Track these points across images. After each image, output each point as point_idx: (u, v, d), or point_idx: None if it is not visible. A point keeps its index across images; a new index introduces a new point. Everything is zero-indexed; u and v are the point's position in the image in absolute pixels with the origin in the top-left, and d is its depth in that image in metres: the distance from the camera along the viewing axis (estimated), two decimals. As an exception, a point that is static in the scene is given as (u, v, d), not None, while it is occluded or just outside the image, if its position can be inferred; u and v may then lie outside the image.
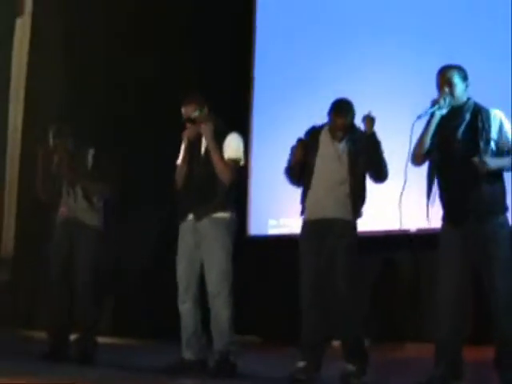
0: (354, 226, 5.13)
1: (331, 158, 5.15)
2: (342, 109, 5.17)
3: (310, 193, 5.17)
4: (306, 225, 5.21)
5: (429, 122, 4.60)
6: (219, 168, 5.30)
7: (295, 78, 8.94)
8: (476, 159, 4.38)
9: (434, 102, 4.55)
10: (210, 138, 5.34)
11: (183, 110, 5.46)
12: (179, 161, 5.51)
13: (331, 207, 5.09)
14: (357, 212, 5.13)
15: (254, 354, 7.31)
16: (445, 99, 4.53)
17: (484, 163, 4.37)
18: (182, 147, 5.53)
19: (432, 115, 4.57)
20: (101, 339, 6.25)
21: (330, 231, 5.06)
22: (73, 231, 6.01)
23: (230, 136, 5.44)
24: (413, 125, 4.51)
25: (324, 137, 5.22)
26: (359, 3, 8.59)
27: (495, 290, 4.38)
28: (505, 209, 4.54)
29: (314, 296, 5.05)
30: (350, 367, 5.00)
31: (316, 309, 5.05)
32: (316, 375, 5.03)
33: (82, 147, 6.10)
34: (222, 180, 5.31)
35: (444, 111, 4.55)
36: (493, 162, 4.40)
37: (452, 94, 4.53)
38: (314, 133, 5.28)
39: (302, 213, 5.24)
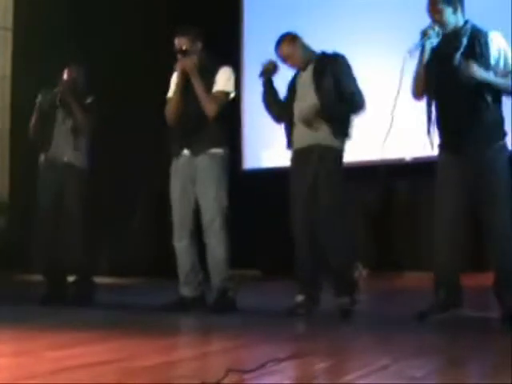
0: (336, 149, 5.00)
1: (302, 89, 5.10)
2: (281, 39, 5.18)
3: (294, 127, 5.13)
4: (292, 155, 5.18)
5: (422, 54, 4.50)
6: (202, 101, 5.23)
7: (286, 10, 8.84)
8: (462, 62, 4.31)
9: (423, 33, 4.46)
10: (193, 71, 5.25)
11: (176, 41, 5.35)
12: (170, 94, 5.45)
13: (310, 134, 5.01)
14: (337, 135, 5.03)
15: (254, 287, 7.34)
16: (433, 28, 4.43)
17: (469, 66, 4.27)
18: (173, 80, 5.46)
19: (423, 47, 4.47)
20: (99, 279, 6.25)
21: (311, 157, 5.00)
22: (60, 171, 5.99)
23: (221, 69, 5.35)
24: (404, 58, 4.40)
25: (298, 74, 5.22)
26: None
27: (493, 217, 4.35)
28: (503, 134, 4.46)
29: (302, 223, 5.01)
30: (345, 300, 4.93)
31: (305, 238, 5.01)
32: (314, 309, 5.00)
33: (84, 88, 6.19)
34: (206, 113, 5.24)
35: (434, 41, 4.46)
36: (478, 70, 4.28)
37: (440, 21, 4.42)
38: (294, 75, 5.27)
39: (289, 146, 5.18)
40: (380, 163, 7.49)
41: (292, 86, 5.20)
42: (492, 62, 4.34)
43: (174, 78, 5.45)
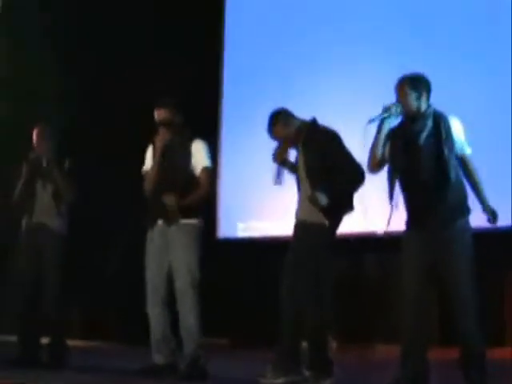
0: (316, 227, 5.12)
1: (299, 168, 5.28)
2: (271, 122, 5.30)
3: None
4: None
5: (379, 130, 4.68)
6: (207, 185, 5.46)
7: (264, 79, 9.04)
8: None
9: (385, 109, 4.65)
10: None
11: (156, 113, 5.46)
12: (147, 167, 5.57)
13: (299, 210, 5.24)
14: (322, 213, 5.16)
15: (223, 356, 7.37)
16: (396, 107, 4.64)
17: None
18: (149, 154, 5.57)
19: (382, 122, 4.67)
20: (72, 343, 6.27)
21: (295, 233, 5.21)
22: (39, 236, 6.07)
23: (198, 144, 5.49)
24: (365, 129, 4.60)
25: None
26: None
27: (457, 293, 4.47)
28: (467, 211, 4.61)
29: (287, 300, 5.13)
30: (307, 373, 5.02)
31: (287, 312, 5.12)
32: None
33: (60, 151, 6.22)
34: (202, 191, 5.42)
35: (393, 119, 4.67)
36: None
37: (403, 102, 4.62)
38: None
39: None
40: (352, 236, 7.63)
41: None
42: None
43: (150, 151, 5.57)
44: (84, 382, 5.13)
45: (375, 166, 4.75)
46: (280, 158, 5.28)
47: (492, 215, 4.64)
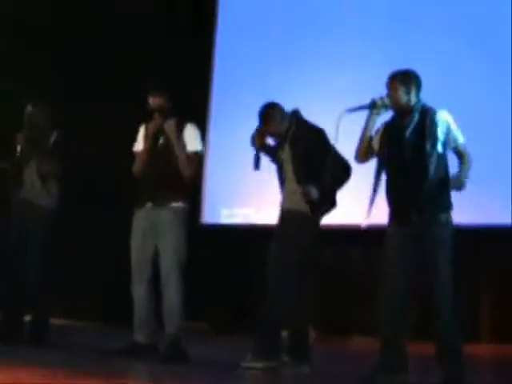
0: (301, 218, 5.24)
1: (285, 164, 5.37)
2: (266, 117, 5.36)
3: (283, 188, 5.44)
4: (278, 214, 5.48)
5: (367, 122, 4.78)
6: (183, 164, 5.42)
7: (253, 68, 9.10)
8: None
9: (372, 101, 4.73)
10: (174, 135, 5.46)
11: (151, 100, 5.55)
12: (138, 148, 5.62)
13: (285, 201, 5.35)
14: (310, 206, 5.26)
15: (203, 340, 7.43)
16: (384, 101, 4.72)
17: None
18: (141, 135, 5.64)
19: (371, 114, 4.75)
20: (54, 321, 6.31)
21: (281, 223, 5.34)
22: (25, 213, 6.06)
23: (189, 128, 5.55)
24: (340, 115, 4.69)
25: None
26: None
27: (436, 290, 4.53)
28: (449, 207, 4.67)
29: (271, 287, 5.19)
30: (287, 359, 5.16)
31: (270, 299, 5.19)
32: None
33: (48, 127, 6.19)
34: (184, 174, 5.43)
35: (380, 112, 4.75)
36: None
37: (392, 96, 4.70)
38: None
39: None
40: (334, 227, 7.70)
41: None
42: (441, 137, 4.60)
43: (142, 132, 5.65)
44: (61, 359, 5.15)
45: (362, 156, 4.85)
46: (259, 143, 5.36)
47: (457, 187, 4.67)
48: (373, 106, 4.73)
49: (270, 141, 5.46)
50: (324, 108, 7.15)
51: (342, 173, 5.26)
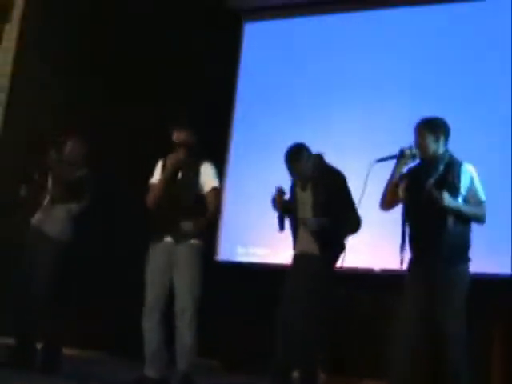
0: (315, 259, 5.35)
1: (302, 206, 5.48)
2: (295, 157, 5.47)
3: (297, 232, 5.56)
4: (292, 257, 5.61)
5: (395, 170, 4.84)
6: (217, 205, 5.62)
7: (274, 105, 9.12)
8: (435, 191, 4.60)
9: (401, 151, 4.80)
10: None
11: (176, 134, 5.63)
12: (154, 180, 5.69)
13: (299, 243, 5.51)
14: (322, 246, 5.34)
15: (214, 377, 7.42)
16: (411, 150, 4.76)
17: (441, 197, 4.58)
18: (160, 167, 5.71)
19: (397, 164, 4.81)
20: (66, 350, 6.35)
21: (295, 264, 5.50)
22: (37, 242, 6.13)
23: (207, 165, 5.66)
24: (371, 165, 4.79)
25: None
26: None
27: (448, 336, 4.55)
28: (468, 258, 4.72)
29: (284, 329, 5.27)
30: None
31: (284, 341, 5.24)
32: None
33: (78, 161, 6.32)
34: (211, 211, 5.55)
35: (408, 162, 4.81)
36: (448, 200, 4.58)
37: (420, 144, 4.75)
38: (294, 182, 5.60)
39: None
40: (346, 270, 7.73)
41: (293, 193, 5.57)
42: (463, 192, 4.66)
43: (160, 166, 5.72)
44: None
45: (388, 204, 4.92)
46: (279, 204, 5.45)
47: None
48: (401, 156, 4.78)
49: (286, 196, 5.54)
50: (351, 151, 7.30)
51: (355, 224, 5.35)
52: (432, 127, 4.77)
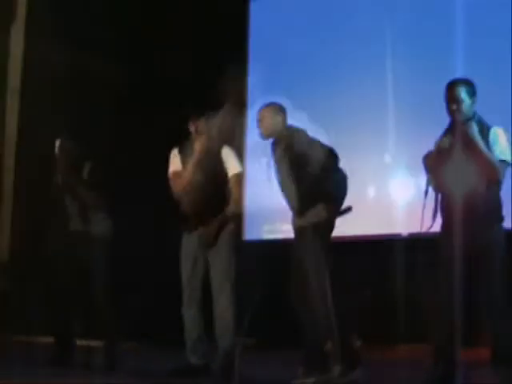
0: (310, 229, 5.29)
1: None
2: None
3: None
4: None
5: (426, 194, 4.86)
6: (240, 193, 5.69)
7: (292, 82, 9.14)
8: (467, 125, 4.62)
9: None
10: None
11: (193, 123, 5.67)
12: (176, 168, 5.68)
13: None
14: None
15: (251, 356, 7.46)
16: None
17: (471, 129, 4.59)
18: (178, 157, 5.70)
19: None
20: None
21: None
22: (79, 244, 6.07)
23: (226, 150, 5.69)
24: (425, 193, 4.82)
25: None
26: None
27: (490, 293, 4.59)
28: (501, 218, 4.72)
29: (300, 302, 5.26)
30: (336, 369, 5.13)
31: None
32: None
33: (79, 159, 6.20)
34: (235, 198, 5.61)
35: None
36: (475, 131, 4.60)
37: (458, 109, 4.68)
38: None
39: None
40: (377, 237, 7.75)
41: None
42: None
43: (177, 156, 5.71)
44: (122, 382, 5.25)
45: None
46: None
47: None
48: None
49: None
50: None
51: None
52: (470, 89, 4.71)
